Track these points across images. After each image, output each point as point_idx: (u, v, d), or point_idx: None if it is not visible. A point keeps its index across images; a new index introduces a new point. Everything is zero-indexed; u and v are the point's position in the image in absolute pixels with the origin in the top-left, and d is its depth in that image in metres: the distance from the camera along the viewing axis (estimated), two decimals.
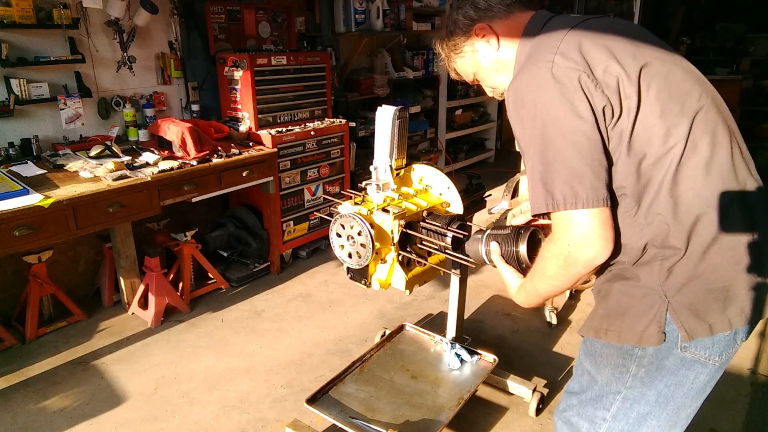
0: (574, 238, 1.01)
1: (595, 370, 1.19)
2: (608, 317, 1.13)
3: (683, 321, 1.04)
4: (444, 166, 5.53)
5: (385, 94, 4.80)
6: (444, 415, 2.00)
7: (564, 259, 1.04)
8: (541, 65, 1.04)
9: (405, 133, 1.79)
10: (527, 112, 1.04)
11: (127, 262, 2.98)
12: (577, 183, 1.00)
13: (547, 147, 1.02)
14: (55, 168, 2.71)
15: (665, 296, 1.05)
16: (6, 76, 2.72)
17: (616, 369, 1.14)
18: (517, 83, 1.08)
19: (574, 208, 1.00)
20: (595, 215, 1.00)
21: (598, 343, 1.17)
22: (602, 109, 1.01)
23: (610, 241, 1.01)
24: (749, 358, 2.57)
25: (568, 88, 1.00)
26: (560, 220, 1.03)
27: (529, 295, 1.20)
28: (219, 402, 2.36)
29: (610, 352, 1.14)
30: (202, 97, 3.59)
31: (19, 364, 2.60)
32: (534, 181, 1.06)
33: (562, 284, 1.09)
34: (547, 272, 1.09)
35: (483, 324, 2.99)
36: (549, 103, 1.01)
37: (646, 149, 1.02)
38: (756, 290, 1.05)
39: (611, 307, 1.12)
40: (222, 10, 3.54)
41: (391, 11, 4.64)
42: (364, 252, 1.56)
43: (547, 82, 1.02)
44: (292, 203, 3.61)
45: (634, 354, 1.11)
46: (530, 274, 1.17)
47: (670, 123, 1.02)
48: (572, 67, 1.02)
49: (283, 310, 3.15)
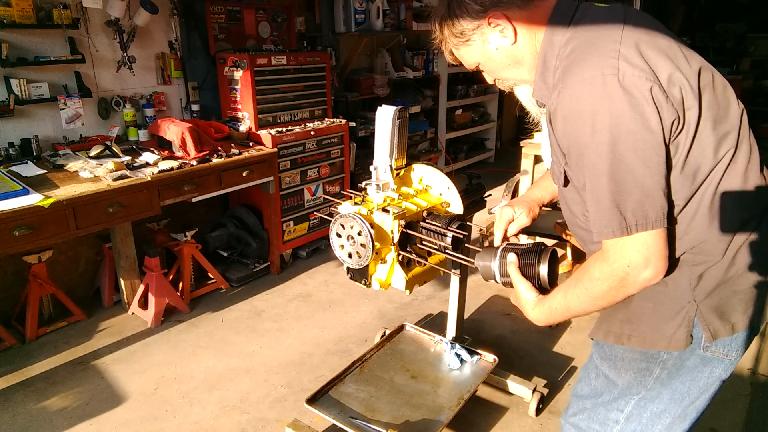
0: (636, 260, 0.96)
1: (615, 374, 1.16)
2: (631, 323, 1.10)
3: (709, 323, 1.04)
4: (444, 166, 5.53)
5: (385, 94, 4.80)
6: (444, 415, 2.00)
7: (619, 281, 0.98)
8: (606, 72, 0.93)
9: (405, 133, 1.79)
10: (590, 126, 0.94)
11: (127, 262, 2.98)
12: (648, 204, 0.94)
13: (618, 165, 0.93)
14: (55, 168, 2.71)
15: (694, 300, 1.04)
16: (6, 76, 2.72)
17: (639, 373, 1.12)
18: (574, 92, 0.96)
19: (645, 230, 0.95)
20: (659, 235, 0.96)
21: (618, 348, 1.14)
22: (671, 123, 0.94)
23: (666, 260, 0.97)
24: (749, 358, 2.57)
25: (639, 100, 0.91)
26: (621, 242, 0.97)
27: (555, 313, 1.11)
28: (219, 402, 2.36)
29: (633, 356, 1.12)
30: (202, 97, 3.59)
31: (19, 364, 2.60)
32: (600, 202, 0.97)
33: (605, 305, 1.04)
34: (594, 293, 1.03)
35: (483, 324, 2.99)
36: (619, 116, 0.92)
37: (701, 161, 0.98)
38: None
39: (634, 313, 1.10)
40: (222, 10, 3.54)
41: (391, 11, 4.64)
42: (364, 252, 1.56)
43: (616, 93, 0.92)
44: (292, 203, 3.61)
45: (660, 357, 1.09)
46: (565, 291, 1.09)
47: (721, 134, 0.99)
48: (641, 76, 0.92)
49: (283, 310, 3.15)
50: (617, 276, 0.98)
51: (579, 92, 0.95)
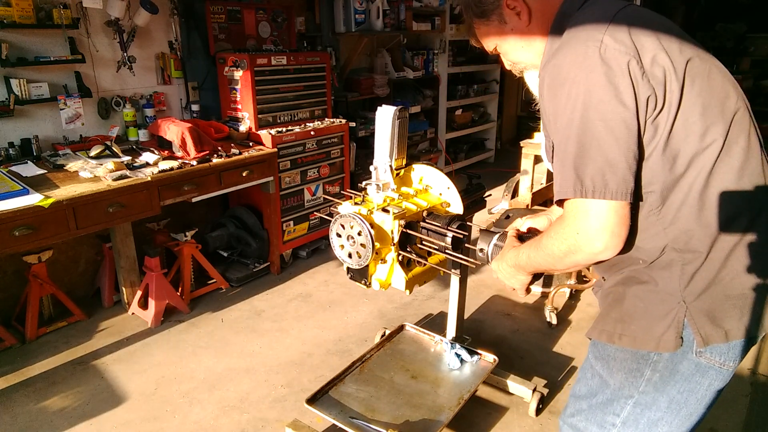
0: (586, 228, 0.98)
1: (608, 374, 1.17)
2: (623, 322, 1.10)
3: (700, 327, 1.03)
4: (444, 166, 5.53)
5: (385, 94, 4.80)
6: (444, 415, 2.00)
7: (568, 246, 1.01)
8: (589, 44, 0.98)
9: (405, 133, 1.79)
10: (567, 91, 0.99)
11: (127, 262, 2.98)
12: (609, 172, 0.95)
13: (585, 131, 0.97)
14: (55, 168, 2.71)
15: (684, 301, 1.03)
16: (6, 76, 2.73)
17: (630, 373, 1.12)
18: (559, 60, 1.01)
19: (602, 197, 0.95)
20: (616, 209, 0.96)
21: (611, 347, 1.14)
22: (646, 99, 0.96)
23: (621, 240, 0.98)
24: (749, 358, 2.57)
25: (615, 72, 0.95)
26: (576, 206, 0.99)
27: (519, 260, 1.18)
28: (219, 402, 2.36)
29: (624, 356, 1.12)
30: (202, 97, 3.59)
31: (19, 364, 2.60)
32: (564, 164, 1.01)
33: (556, 266, 1.08)
34: (547, 249, 1.07)
35: (483, 324, 2.99)
36: (594, 85, 0.96)
37: (682, 146, 0.99)
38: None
39: (626, 312, 1.10)
40: (222, 10, 3.54)
41: (391, 11, 4.64)
42: (364, 252, 1.56)
43: (594, 63, 0.96)
44: (292, 203, 3.61)
45: (650, 359, 1.09)
46: (530, 243, 1.16)
47: (710, 122, 0.99)
48: (622, 50, 0.96)
49: (283, 310, 3.15)
50: (567, 240, 1.01)
51: (563, 61, 1.01)
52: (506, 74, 6.61)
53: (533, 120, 4.49)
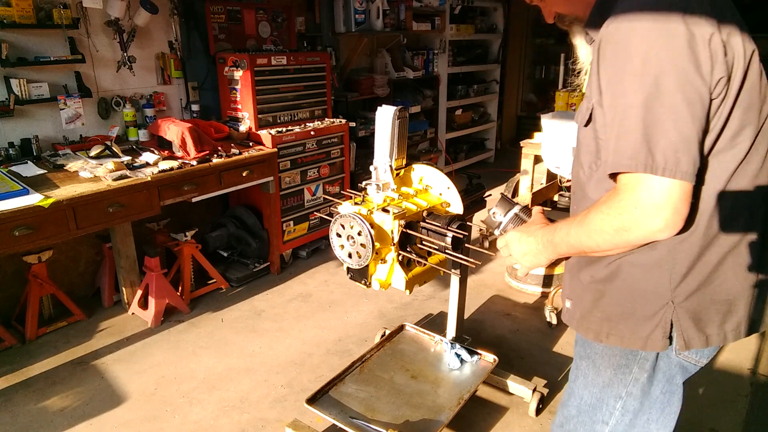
0: (648, 203, 0.88)
1: (594, 373, 1.16)
2: (609, 320, 1.09)
3: (684, 330, 1.02)
4: (444, 166, 5.53)
5: (385, 94, 4.81)
6: (444, 415, 2.00)
7: (622, 222, 0.91)
8: (674, 4, 0.87)
9: (405, 133, 1.79)
10: (639, 53, 0.87)
11: (127, 262, 2.98)
12: (682, 150, 0.86)
13: (661, 99, 0.86)
14: (55, 168, 2.71)
15: (672, 302, 1.02)
16: (6, 76, 2.72)
17: (619, 369, 1.11)
18: (632, 16, 0.89)
19: (672, 177, 0.86)
20: (682, 188, 0.87)
21: (598, 345, 1.14)
22: (718, 80, 0.88)
23: (682, 220, 0.89)
24: (749, 358, 2.57)
25: (698, 42, 0.85)
26: (640, 180, 0.89)
27: (555, 238, 1.06)
28: (219, 402, 2.36)
29: (613, 352, 1.12)
30: (202, 97, 3.59)
31: (19, 364, 2.60)
32: (628, 133, 0.89)
33: (601, 245, 0.97)
34: (595, 224, 0.96)
35: (483, 324, 2.99)
36: (675, 51, 0.85)
37: (713, 138, 0.93)
38: (756, 306, 1.04)
39: (612, 311, 1.08)
40: (222, 10, 3.54)
41: (391, 11, 4.64)
42: (364, 252, 1.56)
43: (677, 28, 0.85)
44: (292, 203, 3.61)
45: (638, 355, 1.09)
46: (571, 220, 1.04)
47: (746, 123, 0.94)
48: (707, 20, 0.86)
49: (283, 310, 3.15)
50: (622, 215, 0.91)
51: (638, 18, 0.89)
52: (506, 74, 6.64)
53: (533, 120, 4.49)
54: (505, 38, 6.41)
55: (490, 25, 6.32)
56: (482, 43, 6.36)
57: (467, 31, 5.76)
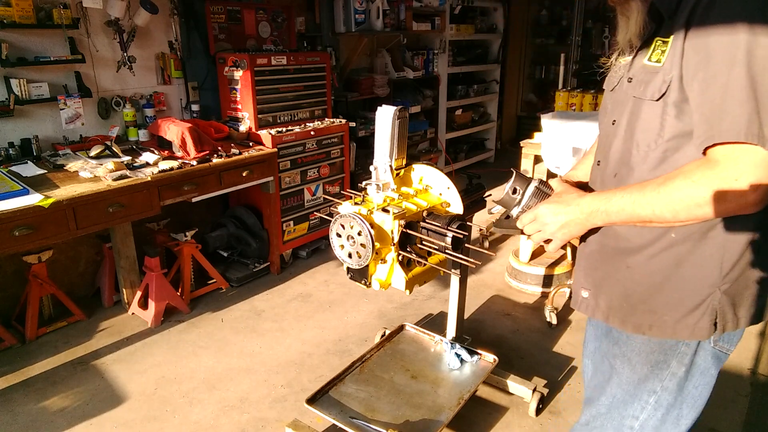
0: (751, 176, 0.87)
1: (630, 370, 1.13)
2: (653, 312, 1.07)
3: (723, 314, 1.02)
4: (444, 166, 5.53)
5: (385, 94, 4.80)
6: (444, 415, 2.00)
7: (715, 192, 0.89)
8: None
9: (405, 133, 1.79)
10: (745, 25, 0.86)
11: (127, 262, 2.98)
12: None
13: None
14: (55, 168, 2.71)
15: (719, 289, 1.01)
16: (6, 76, 2.72)
17: (656, 365, 1.09)
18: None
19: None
20: None
21: (635, 340, 1.11)
22: None
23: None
24: (749, 358, 2.57)
25: None
26: (744, 151, 0.87)
27: (609, 206, 1.01)
28: (219, 402, 2.36)
29: (651, 348, 1.09)
30: (202, 97, 3.59)
31: (19, 364, 2.60)
32: (731, 101, 0.88)
33: (680, 215, 0.93)
34: (680, 192, 0.92)
35: (483, 324, 2.99)
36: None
37: None
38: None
39: (657, 302, 1.06)
40: (222, 10, 3.54)
41: (391, 11, 4.64)
42: (364, 252, 1.56)
43: None
44: (292, 203, 3.61)
45: (677, 349, 1.07)
46: (630, 190, 0.99)
47: None
48: None
49: (283, 310, 3.15)
50: (718, 185, 0.88)
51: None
52: (506, 74, 6.64)
53: (533, 120, 4.49)
54: (505, 38, 6.41)
55: (490, 25, 6.32)
56: (482, 43, 6.37)
57: (467, 31, 5.76)
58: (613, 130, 1.11)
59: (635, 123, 1.06)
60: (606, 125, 1.16)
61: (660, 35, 1.01)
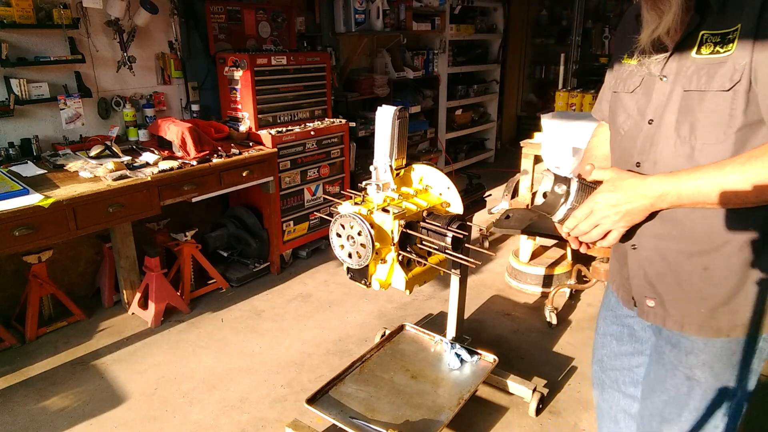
0: None
1: (714, 378, 1.09)
2: (736, 312, 1.04)
3: None
4: (444, 166, 5.53)
5: (385, 94, 4.81)
6: (444, 415, 2.00)
7: None
8: None
9: (405, 133, 1.79)
10: None
11: (127, 262, 2.98)
12: None
13: None
14: (55, 168, 2.71)
15: None
16: (6, 76, 2.72)
17: (737, 366, 1.07)
18: None
19: None
20: None
21: (715, 343, 1.07)
22: None
23: None
24: None
25: None
26: None
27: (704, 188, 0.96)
28: (219, 402, 2.36)
29: (731, 350, 1.06)
30: (202, 97, 3.59)
31: (19, 364, 2.60)
32: None
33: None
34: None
35: (483, 324, 2.99)
36: None
37: None
38: None
39: (741, 303, 1.04)
40: (222, 10, 3.54)
41: (391, 11, 4.64)
42: (364, 252, 1.56)
43: None
44: (292, 203, 3.61)
45: (758, 345, 1.05)
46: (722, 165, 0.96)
47: None
48: None
49: (283, 310, 3.15)
50: None
51: None
52: (506, 74, 6.64)
53: (533, 120, 4.49)
54: (505, 38, 6.41)
55: (490, 25, 6.32)
56: (482, 43, 6.37)
57: (467, 31, 5.76)
58: (654, 130, 1.07)
59: (693, 118, 1.02)
60: (634, 125, 1.11)
61: (705, 28, 0.99)
